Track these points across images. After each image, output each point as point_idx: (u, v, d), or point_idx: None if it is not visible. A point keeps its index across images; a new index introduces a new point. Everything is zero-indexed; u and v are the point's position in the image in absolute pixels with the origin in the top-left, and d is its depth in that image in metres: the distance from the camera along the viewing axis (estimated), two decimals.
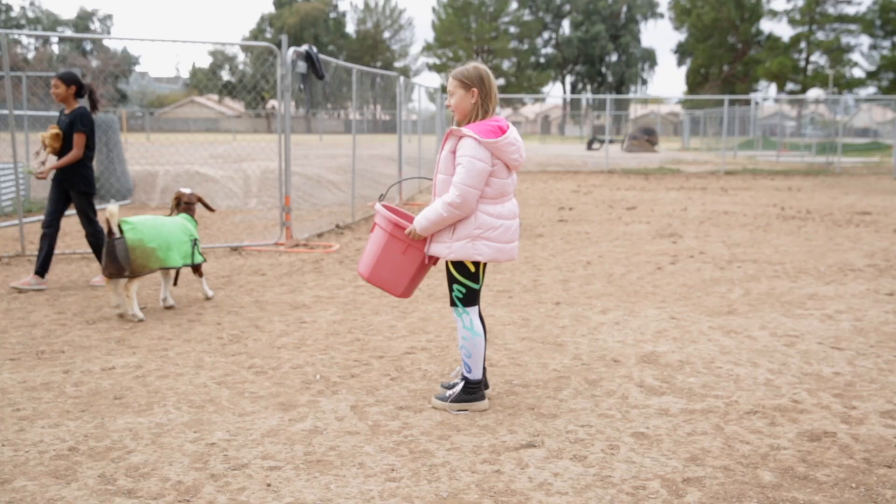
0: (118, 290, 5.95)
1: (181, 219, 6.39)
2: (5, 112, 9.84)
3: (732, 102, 35.35)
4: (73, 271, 7.82)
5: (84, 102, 6.94)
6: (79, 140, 6.77)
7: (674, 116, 75.16)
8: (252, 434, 3.75)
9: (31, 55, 49.32)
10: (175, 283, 6.48)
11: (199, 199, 6.70)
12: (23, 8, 67.35)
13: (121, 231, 5.80)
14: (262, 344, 5.32)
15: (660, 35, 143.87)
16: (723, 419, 3.97)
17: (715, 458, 3.50)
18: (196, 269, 6.50)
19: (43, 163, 7.26)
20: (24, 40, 55.40)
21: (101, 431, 3.77)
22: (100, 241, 6.82)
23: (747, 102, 45.78)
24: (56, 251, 8.75)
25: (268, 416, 3.98)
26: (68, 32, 63.25)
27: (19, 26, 63.78)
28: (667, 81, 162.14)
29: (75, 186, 6.86)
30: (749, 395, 4.32)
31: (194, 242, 6.34)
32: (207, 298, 6.63)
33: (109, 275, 5.84)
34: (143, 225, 5.92)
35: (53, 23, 65.37)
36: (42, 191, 14.02)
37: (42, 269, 6.94)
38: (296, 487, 3.20)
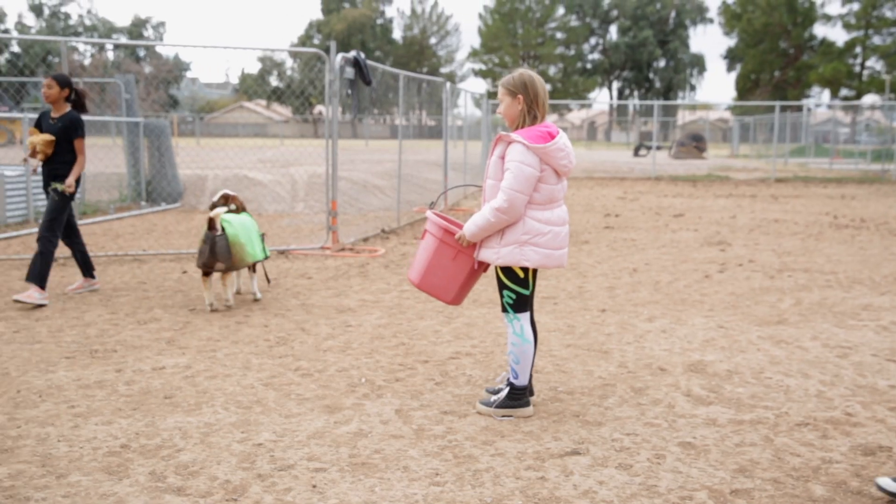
0: (211, 285, 6.37)
1: (248, 216, 6.75)
2: None
3: (784, 108, 34.73)
4: (126, 272, 8.00)
5: (70, 106, 6.66)
6: (81, 146, 6.61)
7: (723, 123, 74.05)
8: (298, 435, 3.79)
9: (87, 62, 50.63)
10: (268, 281, 6.95)
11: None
12: (80, 16, 69.19)
13: (222, 228, 6.20)
14: (308, 346, 5.38)
15: (709, 40, 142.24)
16: (772, 431, 3.90)
17: (764, 470, 3.43)
18: (253, 266, 6.71)
19: (35, 170, 6.87)
20: (81, 47, 56.91)
21: (151, 430, 3.85)
22: (49, 251, 6.48)
23: (799, 108, 44.90)
24: (109, 252, 8.96)
25: (313, 418, 4.02)
26: (123, 39, 64.75)
27: (77, 34, 65.49)
28: (716, 87, 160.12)
29: (59, 188, 6.54)
30: (800, 407, 4.23)
31: (263, 237, 6.76)
32: (256, 300, 6.73)
33: (209, 269, 6.25)
34: (236, 222, 6.34)
35: (109, 30, 66.98)
36: (97, 193, 14.37)
37: (87, 269, 6.98)
38: (341, 489, 3.23)
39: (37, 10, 67.39)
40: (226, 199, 6.83)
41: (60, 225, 6.60)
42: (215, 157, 20.80)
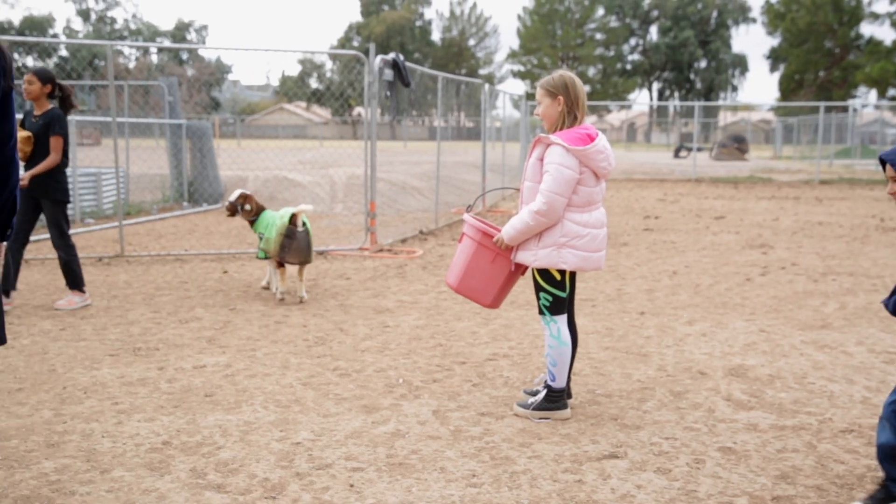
0: (285, 278, 6.79)
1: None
2: (108, 119, 10.31)
3: (829, 109, 34.09)
4: (168, 272, 8.12)
5: (54, 104, 6.30)
6: (56, 144, 6.16)
7: (765, 124, 72.90)
8: (336, 435, 3.82)
9: (132, 65, 51.58)
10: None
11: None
12: (126, 20, 70.48)
13: (303, 224, 6.61)
14: (346, 347, 5.42)
15: (752, 40, 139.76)
16: (815, 437, 3.83)
17: (807, 477, 3.38)
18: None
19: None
20: (126, 51, 57.99)
21: (192, 427, 3.90)
22: (71, 256, 6.40)
23: (845, 109, 44.04)
24: (152, 252, 9.11)
25: (351, 418, 4.05)
26: (166, 43, 65.83)
27: (122, 38, 66.75)
28: (758, 88, 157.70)
29: (49, 195, 6.23)
30: (844, 413, 4.15)
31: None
32: (302, 300, 6.80)
33: (291, 263, 6.67)
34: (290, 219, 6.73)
35: (153, 34, 68.15)
36: (141, 194, 14.63)
37: (7, 284, 6.30)
38: (378, 489, 3.24)
39: (84, 14, 68.82)
40: (244, 199, 7.01)
41: (68, 228, 6.43)
42: (256, 158, 21.04)
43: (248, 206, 6.99)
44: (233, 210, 7.06)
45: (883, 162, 2.98)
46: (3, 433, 3.79)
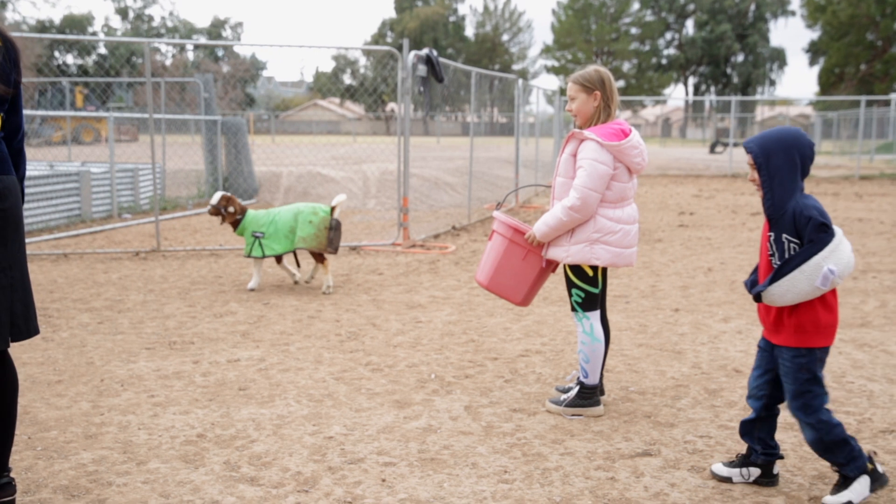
0: (328, 268, 7.07)
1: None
2: (145, 116, 10.45)
3: (870, 103, 33.42)
4: (203, 267, 8.22)
5: None
6: None
7: (804, 118, 71.71)
8: (368, 430, 3.83)
9: (168, 62, 52.22)
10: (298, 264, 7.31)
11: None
12: (163, 18, 71.39)
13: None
14: (378, 342, 5.43)
15: (790, 34, 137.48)
16: (854, 437, 3.75)
17: None
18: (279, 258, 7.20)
19: None
20: (163, 48, 58.73)
21: (226, 420, 3.94)
22: None
23: (887, 103, 43.12)
24: (188, 247, 9.22)
25: (383, 413, 4.06)
26: (202, 40, 66.55)
27: (159, 35, 67.62)
28: (797, 82, 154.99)
29: None
30: (884, 413, 4.07)
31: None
32: (297, 282, 7.17)
33: (331, 253, 6.96)
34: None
35: (190, 31, 68.90)
36: (177, 189, 14.81)
37: None
38: (410, 484, 3.25)
39: (122, 13, 69.81)
40: (227, 201, 7.02)
41: None
42: (289, 154, 21.18)
43: (231, 209, 7.00)
44: (216, 213, 7.04)
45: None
46: (43, 424, 3.86)
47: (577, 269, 3.95)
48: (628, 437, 3.76)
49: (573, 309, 4.02)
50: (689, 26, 79.39)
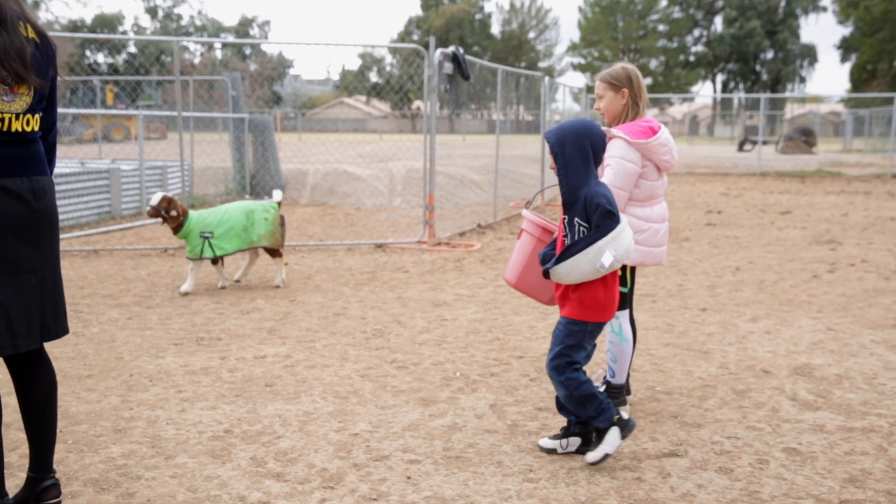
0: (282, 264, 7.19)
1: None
2: (174, 114, 10.55)
3: None
4: (230, 264, 8.27)
5: None
6: None
7: (835, 116, 70.72)
8: (393, 427, 3.84)
9: (197, 60, 52.66)
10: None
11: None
12: (192, 17, 72.02)
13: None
14: (403, 339, 5.44)
15: (821, 30, 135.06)
16: (886, 440, 3.70)
17: (877, 481, 3.26)
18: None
19: None
20: (192, 47, 59.26)
21: (253, 416, 3.97)
22: None
23: None
24: None
25: (408, 411, 4.07)
26: (230, 38, 67.02)
27: (188, 34, 68.23)
28: (828, 79, 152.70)
29: None
30: None
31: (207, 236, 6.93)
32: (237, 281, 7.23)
33: (281, 247, 7.05)
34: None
35: (217, 29, 69.45)
36: (204, 186, 14.94)
37: None
38: (434, 482, 3.25)
39: (152, 12, 70.55)
40: (168, 203, 6.66)
41: None
42: (316, 151, 21.28)
43: (173, 211, 6.66)
44: (156, 214, 6.68)
45: None
46: (74, 418, 3.91)
47: None
48: (655, 437, 3.74)
49: None
50: (718, 23, 78.52)
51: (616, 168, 3.74)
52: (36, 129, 2.79)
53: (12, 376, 2.91)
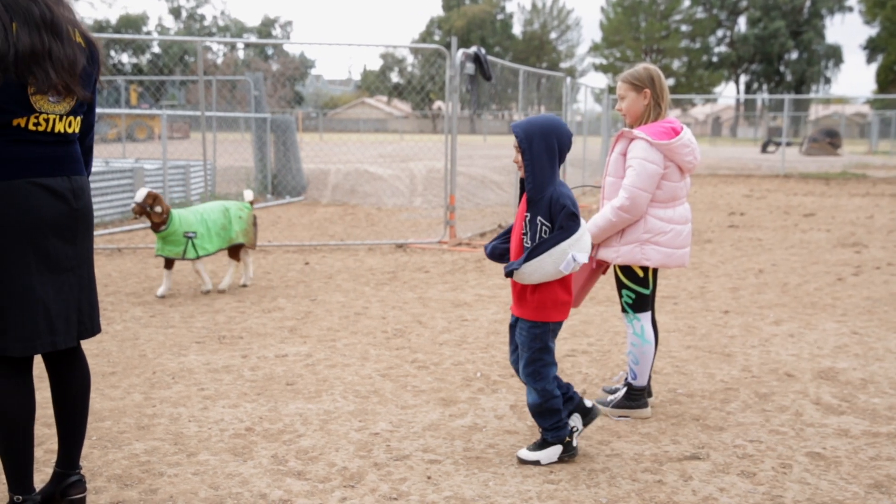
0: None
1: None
2: (197, 113, 10.63)
3: None
4: (252, 263, 8.32)
5: None
6: None
7: (860, 117, 69.91)
8: (413, 427, 3.84)
9: (220, 60, 53.01)
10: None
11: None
12: (215, 17, 72.51)
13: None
14: (424, 339, 5.45)
15: (847, 30, 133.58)
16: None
17: None
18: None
19: None
20: (215, 47, 59.66)
21: (274, 414, 3.99)
22: None
23: None
24: None
25: (429, 411, 4.07)
26: (253, 39, 67.40)
27: (211, 34, 68.72)
28: (853, 80, 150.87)
29: None
30: None
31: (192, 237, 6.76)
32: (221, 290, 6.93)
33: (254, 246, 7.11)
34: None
35: (240, 30, 69.85)
36: (227, 186, 15.05)
37: None
38: (455, 482, 3.25)
39: (175, 12, 71.11)
40: (154, 200, 6.45)
41: None
42: (337, 151, 21.35)
43: (158, 208, 6.44)
44: (141, 211, 6.44)
45: None
46: (98, 414, 3.95)
47: (627, 269, 3.91)
48: (676, 439, 3.71)
49: (623, 310, 3.98)
50: (742, 23, 77.87)
51: (638, 169, 3.72)
52: (76, 130, 2.83)
53: (49, 373, 2.95)
